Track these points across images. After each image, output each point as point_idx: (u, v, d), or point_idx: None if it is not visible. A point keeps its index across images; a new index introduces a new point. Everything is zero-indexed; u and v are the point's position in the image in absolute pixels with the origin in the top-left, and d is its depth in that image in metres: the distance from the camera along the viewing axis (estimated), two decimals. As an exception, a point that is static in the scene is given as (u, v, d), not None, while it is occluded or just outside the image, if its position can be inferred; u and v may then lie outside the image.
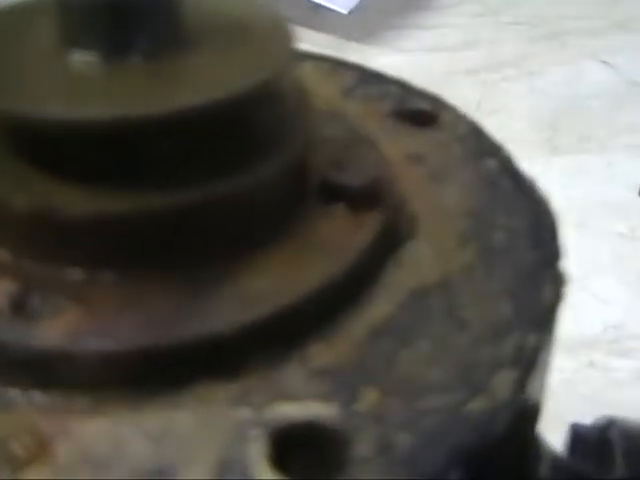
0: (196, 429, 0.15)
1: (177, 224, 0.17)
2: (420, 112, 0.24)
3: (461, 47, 0.76)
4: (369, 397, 0.16)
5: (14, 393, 0.16)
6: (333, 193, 0.19)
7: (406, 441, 0.15)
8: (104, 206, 0.17)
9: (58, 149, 0.17)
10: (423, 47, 0.76)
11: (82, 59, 0.18)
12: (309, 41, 0.73)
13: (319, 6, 0.75)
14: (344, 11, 0.74)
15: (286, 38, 0.19)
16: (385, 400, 0.16)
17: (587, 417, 0.29)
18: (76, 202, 0.17)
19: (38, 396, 0.16)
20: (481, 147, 0.23)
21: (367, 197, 0.19)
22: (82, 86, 0.17)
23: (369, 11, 0.78)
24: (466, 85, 0.71)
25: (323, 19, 0.75)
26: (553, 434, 0.25)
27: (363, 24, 0.78)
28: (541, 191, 0.22)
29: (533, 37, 0.80)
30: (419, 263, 0.19)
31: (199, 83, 0.17)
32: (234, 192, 0.17)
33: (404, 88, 0.25)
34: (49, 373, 0.16)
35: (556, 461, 0.24)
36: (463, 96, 0.72)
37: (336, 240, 0.18)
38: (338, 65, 0.26)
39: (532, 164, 0.61)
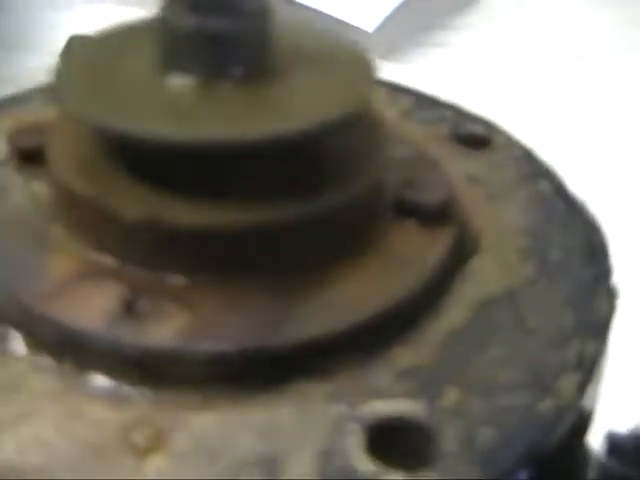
0: (297, 423, 0.17)
1: (275, 237, 0.19)
2: (475, 135, 0.26)
3: (479, 67, 0.78)
4: (451, 395, 0.18)
5: (128, 388, 0.18)
6: (407, 210, 0.21)
7: (488, 436, 0.17)
8: (209, 219, 0.18)
9: (166, 166, 0.19)
10: (444, 64, 0.77)
11: (180, 83, 0.20)
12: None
13: (344, 23, 0.76)
14: (368, 30, 0.75)
15: (369, 69, 0.21)
16: (466, 398, 0.18)
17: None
18: (183, 214, 0.18)
19: (150, 392, 0.18)
20: (534, 170, 0.25)
21: (440, 214, 0.21)
22: (185, 108, 0.19)
23: (393, 29, 0.79)
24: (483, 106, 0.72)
25: (349, 37, 0.76)
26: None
27: (386, 42, 0.79)
28: (591, 212, 0.24)
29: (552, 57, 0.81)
30: (485, 276, 0.21)
31: (291, 110, 0.19)
32: (327, 209, 0.19)
33: (458, 112, 0.27)
34: (161, 371, 0.18)
35: (602, 466, 0.26)
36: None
37: (413, 254, 0.20)
38: (395, 89, 0.28)
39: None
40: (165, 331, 0.18)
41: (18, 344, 0.18)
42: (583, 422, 0.19)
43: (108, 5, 0.81)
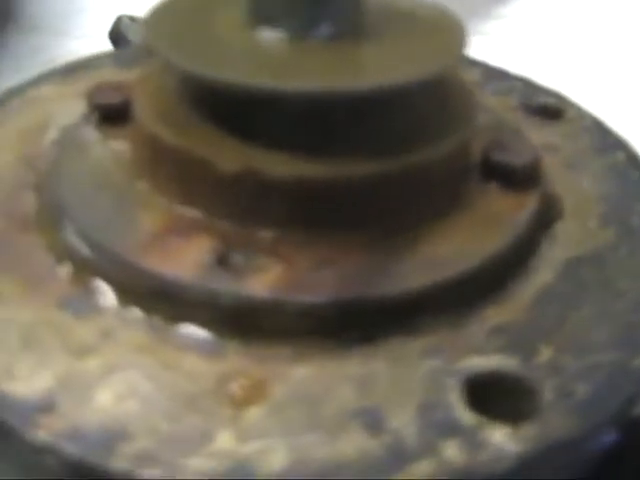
0: (394, 376, 0.17)
1: (370, 192, 0.18)
2: (547, 106, 0.26)
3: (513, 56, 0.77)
4: (544, 351, 0.17)
5: (220, 340, 0.17)
6: (494, 171, 0.20)
7: (584, 390, 0.17)
8: (304, 170, 0.18)
9: (257, 118, 0.19)
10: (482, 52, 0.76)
11: (270, 37, 0.19)
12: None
13: None
14: None
15: (459, 31, 0.20)
16: (559, 355, 0.17)
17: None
18: (277, 166, 0.18)
19: (242, 344, 0.17)
20: (608, 141, 0.25)
21: (528, 176, 0.20)
22: (276, 61, 0.19)
23: None
24: None
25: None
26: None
27: None
28: None
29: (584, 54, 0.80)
30: (570, 239, 0.21)
31: (385, 66, 0.19)
32: (421, 165, 0.19)
33: (528, 84, 0.27)
34: (255, 322, 0.17)
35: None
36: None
37: (502, 215, 0.20)
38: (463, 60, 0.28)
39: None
40: (260, 283, 0.17)
41: (108, 297, 0.18)
42: None
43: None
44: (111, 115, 0.22)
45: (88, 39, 0.73)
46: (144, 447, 0.15)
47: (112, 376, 0.17)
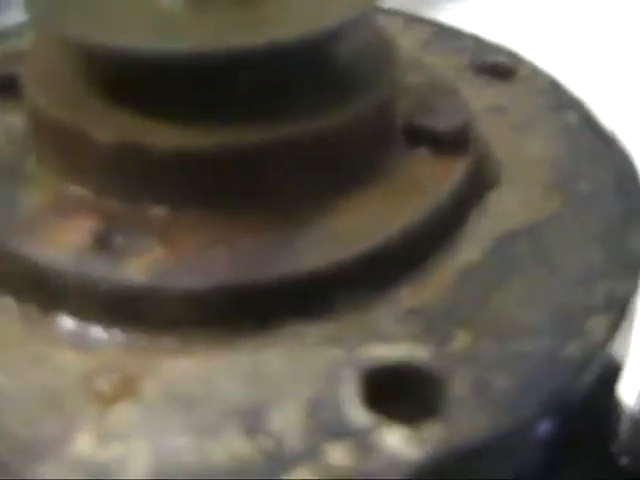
0: (287, 368, 0.15)
1: (264, 161, 0.16)
2: (498, 65, 0.24)
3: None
4: (462, 338, 0.15)
5: (97, 331, 0.16)
6: (419, 137, 0.18)
7: (503, 382, 0.15)
8: (191, 141, 0.16)
9: (145, 84, 0.17)
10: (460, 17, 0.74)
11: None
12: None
13: None
14: None
15: None
16: (479, 341, 0.15)
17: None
18: (163, 137, 0.16)
19: (121, 335, 0.15)
20: (561, 100, 0.23)
21: (455, 142, 0.18)
22: (172, 23, 0.17)
23: None
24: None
25: None
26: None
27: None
28: (623, 144, 0.21)
29: None
30: (505, 210, 0.18)
31: (289, 21, 0.17)
32: (323, 129, 0.17)
33: (481, 42, 0.25)
34: (134, 311, 0.15)
35: (636, 423, 0.23)
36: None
37: (424, 183, 0.18)
38: (412, 20, 0.26)
39: None
40: (138, 266, 0.15)
41: None
42: (613, 370, 0.17)
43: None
44: (8, 86, 0.20)
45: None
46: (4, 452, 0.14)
47: None
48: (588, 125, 0.22)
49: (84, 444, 0.14)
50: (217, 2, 0.17)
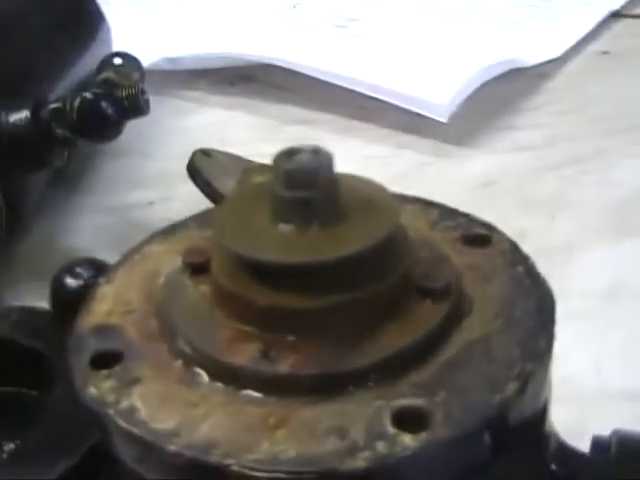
0: (357, 410, 0.34)
1: (342, 311, 0.36)
2: (479, 235, 0.43)
3: (546, 144, 0.92)
4: (440, 395, 0.34)
5: (264, 397, 0.35)
6: (424, 291, 0.38)
7: (459, 414, 0.33)
8: (306, 304, 0.36)
9: (278, 275, 0.36)
10: (513, 146, 0.92)
11: (285, 229, 0.37)
12: (413, 145, 0.90)
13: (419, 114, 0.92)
14: (444, 120, 0.91)
15: (395, 208, 0.38)
16: (450, 396, 0.34)
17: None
18: (292, 302, 0.36)
19: (275, 399, 0.34)
20: (515, 258, 0.42)
21: (443, 293, 0.38)
22: (288, 243, 0.37)
23: (465, 117, 0.93)
24: (549, 180, 0.87)
25: (426, 125, 0.91)
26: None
27: (460, 128, 0.93)
28: (547, 283, 0.40)
29: (610, 131, 0.95)
30: (472, 328, 0.38)
31: (349, 240, 0.37)
32: (374, 292, 0.36)
33: (470, 219, 0.44)
34: (281, 387, 0.35)
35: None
36: (546, 190, 0.88)
37: (425, 317, 0.37)
38: (426, 204, 0.45)
39: (605, 246, 0.78)
40: (284, 366, 0.35)
41: (203, 377, 0.36)
42: (524, 416, 0.36)
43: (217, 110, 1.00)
44: (197, 269, 0.40)
45: (168, 161, 0.91)
46: (226, 451, 0.33)
47: (208, 418, 0.34)
48: (528, 274, 0.41)
49: (265, 448, 0.33)
50: (311, 230, 0.37)
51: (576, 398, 0.39)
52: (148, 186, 0.86)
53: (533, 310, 0.38)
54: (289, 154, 0.36)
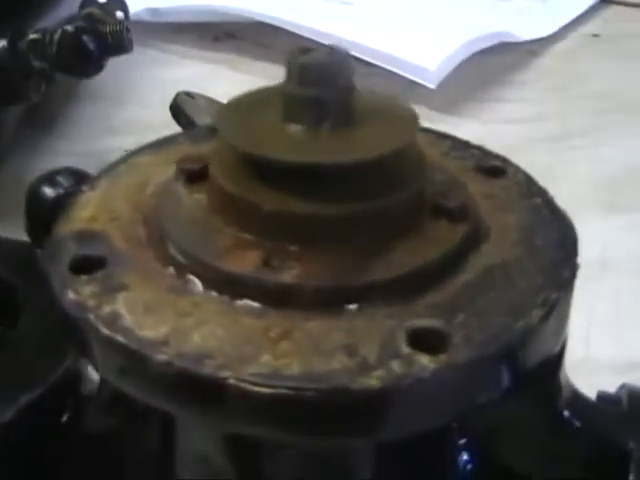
0: (368, 328, 0.30)
1: (351, 225, 0.32)
2: (494, 167, 0.40)
3: (534, 118, 0.90)
4: (460, 317, 0.31)
5: (265, 308, 0.31)
6: (439, 211, 0.34)
7: (479, 337, 0.30)
8: (315, 209, 0.32)
9: (286, 176, 0.32)
10: (502, 118, 0.90)
11: (295, 129, 0.33)
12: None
13: (413, 82, 0.89)
14: (432, 86, 0.89)
15: (414, 118, 0.34)
16: (468, 319, 0.31)
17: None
18: (300, 206, 0.32)
19: (276, 310, 0.31)
20: (532, 190, 0.38)
21: (460, 214, 0.34)
22: (299, 144, 0.33)
23: (454, 86, 0.92)
24: (538, 152, 0.85)
25: (416, 94, 0.89)
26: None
27: (449, 97, 0.92)
28: (569, 218, 0.37)
29: (599, 110, 0.93)
30: (490, 254, 0.34)
31: (365, 145, 0.33)
32: (390, 205, 0.32)
33: (483, 151, 0.41)
34: (284, 298, 0.31)
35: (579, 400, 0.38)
36: (534, 161, 0.86)
37: (444, 238, 0.33)
38: (438, 136, 0.42)
39: (593, 219, 0.76)
40: (288, 276, 0.31)
41: (197, 285, 0.32)
42: (544, 349, 0.32)
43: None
44: (193, 177, 0.36)
45: (146, 109, 0.88)
46: (222, 362, 0.29)
47: (201, 327, 0.30)
48: (547, 206, 0.37)
49: (266, 359, 0.29)
50: (323, 130, 0.33)
51: (567, 370, 0.37)
52: (124, 133, 0.82)
53: (554, 240, 0.35)
54: (304, 51, 0.33)
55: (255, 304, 0.31)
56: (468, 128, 0.87)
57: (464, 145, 0.41)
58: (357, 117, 0.33)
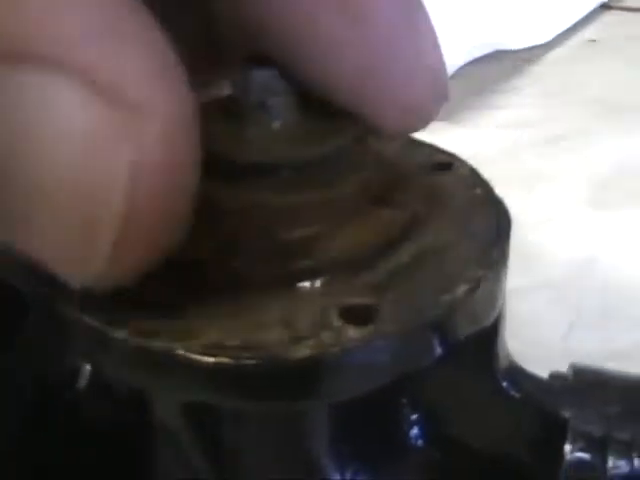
0: (305, 306, 0.34)
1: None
2: (441, 163, 0.43)
3: (527, 124, 0.93)
4: (390, 294, 0.34)
5: None
6: (382, 202, 0.37)
7: (405, 311, 0.33)
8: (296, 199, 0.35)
9: (241, 174, 0.36)
10: (495, 124, 0.92)
11: (247, 130, 0.37)
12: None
13: None
14: None
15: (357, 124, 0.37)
16: (398, 296, 0.34)
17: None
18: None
19: None
20: (474, 182, 0.42)
21: (401, 204, 0.37)
22: (249, 143, 0.36)
23: (450, 94, 0.93)
24: (531, 156, 0.87)
25: None
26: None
27: (444, 105, 0.93)
28: (504, 204, 0.40)
29: (594, 114, 0.96)
30: (426, 239, 0.37)
31: (311, 143, 0.36)
32: (337, 192, 0.36)
33: (433, 148, 0.44)
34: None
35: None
36: (525, 165, 0.89)
37: (381, 225, 0.36)
38: (412, 142, 0.45)
39: (581, 219, 0.79)
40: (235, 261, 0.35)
41: None
42: (473, 323, 0.35)
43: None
44: None
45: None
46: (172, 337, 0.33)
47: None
48: (486, 195, 0.41)
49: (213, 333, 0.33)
50: (274, 129, 0.36)
51: (545, 362, 0.40)
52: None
53: (489, 226, 0.38)
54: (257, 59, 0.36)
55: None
56: (460, 134, 0.90)
57: (416, 143, 0.44)
58: (305, 115, 0.37)
